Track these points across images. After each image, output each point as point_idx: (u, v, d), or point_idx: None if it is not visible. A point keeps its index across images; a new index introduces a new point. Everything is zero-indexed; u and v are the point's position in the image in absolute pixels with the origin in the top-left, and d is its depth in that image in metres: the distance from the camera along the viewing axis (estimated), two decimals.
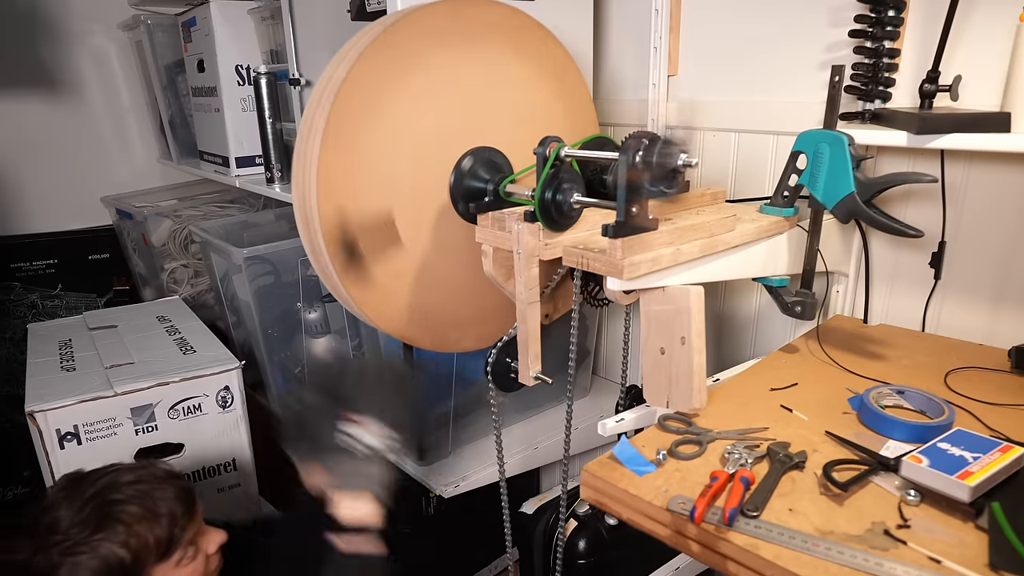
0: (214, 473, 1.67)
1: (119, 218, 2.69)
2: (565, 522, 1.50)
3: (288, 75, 1.80)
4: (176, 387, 1.58)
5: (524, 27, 1.32)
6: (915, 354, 1.24)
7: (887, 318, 1.40)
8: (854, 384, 1.13)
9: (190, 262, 2.60)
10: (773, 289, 1.25)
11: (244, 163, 2.13)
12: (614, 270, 0.99)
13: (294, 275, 1.95)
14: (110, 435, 1.52)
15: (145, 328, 1.91)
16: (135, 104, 2.83)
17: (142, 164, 2.90)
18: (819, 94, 1.36)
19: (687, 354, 1.02)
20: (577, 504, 1.58)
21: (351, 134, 1.13)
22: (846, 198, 1.11)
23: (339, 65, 1.14)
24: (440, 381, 1.58)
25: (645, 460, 0.94)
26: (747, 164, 1.53)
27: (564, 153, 1.09)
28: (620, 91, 1.77)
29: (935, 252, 1.31)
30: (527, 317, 1.15)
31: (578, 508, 1.58)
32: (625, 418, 1.10)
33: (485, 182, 1.25)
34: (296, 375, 2.01)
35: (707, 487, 0.86)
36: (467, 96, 1.25)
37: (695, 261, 1.09)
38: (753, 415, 1.05)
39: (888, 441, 0.96)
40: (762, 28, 1.47)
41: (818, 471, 0.90)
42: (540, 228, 1.09)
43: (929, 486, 0.83)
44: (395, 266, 1.23)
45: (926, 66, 1.18)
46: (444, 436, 1.64)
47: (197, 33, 2.12)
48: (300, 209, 1.18)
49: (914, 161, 1.31)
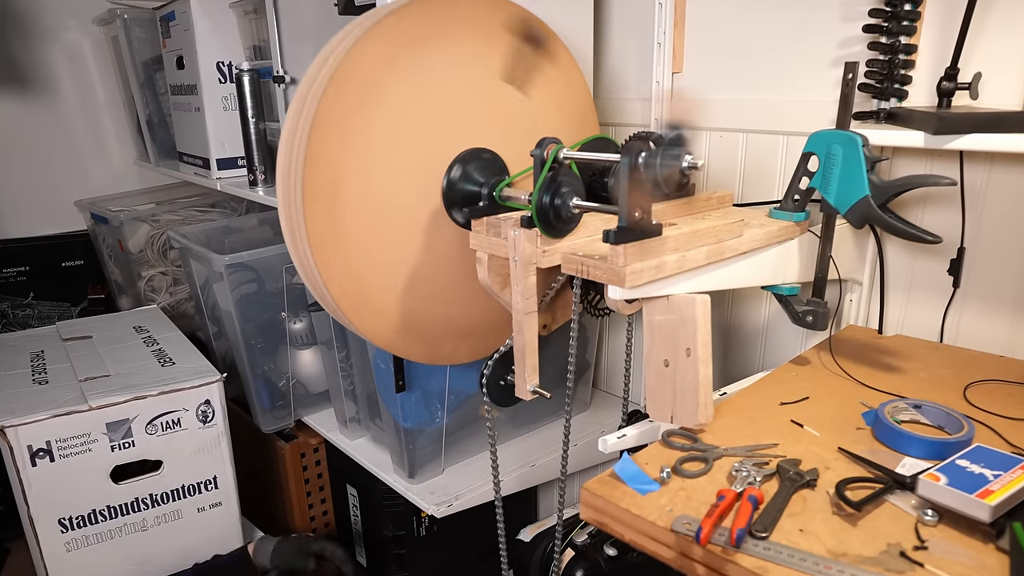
0: (194, 492, 1.67)
1: (94, 223, 2.69)
2: (561, 553, 1.50)
3: (272, 72, 1.80)
4: (154, 401, 1.58)
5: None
6: (933, 366, 1.24)
7: (903, 328, 1.40)
8: (868, 398, 1.13)
9: (169, 269, 2.60)
10: (783, 298, 1.25)
11: (226, 165, 2.13)
12: (616, 278, 0.99)
13: (278, 283, 1.95)
14: (84, 451, 1.51)
15: (121, 339, 1.91)
16: (111, 103, 2.84)
17: (118, 166, 2.90)
18: (831, 92, 1.36)
19: (692, 366, 1.02)
20: (576, 533, 1.58)
21: (340, 134, 1.13)
22: (860, 202, 1.11)
23: (327, 61, 1.15)
24: (432, 395, 1.59)
25: (648, 478, 0.94)
26: (756, 166, 1.53)
27: (563, 155, 1.09)
28: (622, 89, 1.78)
29: (954, 259, 1.31)
30: (524, 328, 1.15)
31: (576, 538, 1.57)
32: (627, 434, 1.10)
33: (480, 186, 1.25)
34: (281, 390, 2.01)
35: (713, 506, 0.86)
36: (461, 95, 1.25)
37: (701, 268, 1.09)
38: (762, 431, 1.05)
39: (904, 458, 0.96)
40: (771, 23, 1.47)
41: (830, 490, 0.90)
42: (538, 234, 1.10)
43: (947, 505, 0.83)
44: (386, 274, 1.24)
45: (944, 63, 1.18)
46: (436, 452, 1.64)
47: (176, 28, 2.13)
48: (285, 213, 1.18)
49: (932, 163, 1.31)
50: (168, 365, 1.72)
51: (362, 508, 1.96)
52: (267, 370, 2.00)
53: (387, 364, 1.52)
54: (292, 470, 2.09)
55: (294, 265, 1.24)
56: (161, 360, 1.75)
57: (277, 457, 2.10)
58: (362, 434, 1.88)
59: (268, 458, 2.15)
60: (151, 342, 1.87)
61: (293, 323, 2.00)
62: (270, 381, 2.01)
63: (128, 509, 1.59)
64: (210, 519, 1.70)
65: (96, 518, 1.56)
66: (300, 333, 2.02)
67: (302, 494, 2.13)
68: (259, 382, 2.00)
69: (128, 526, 1.60)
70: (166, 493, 1.63)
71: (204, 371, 1.67)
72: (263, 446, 2.14)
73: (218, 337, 2.17)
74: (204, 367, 1.70)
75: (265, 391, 2.02)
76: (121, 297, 2.76)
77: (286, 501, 2.14)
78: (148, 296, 2.58)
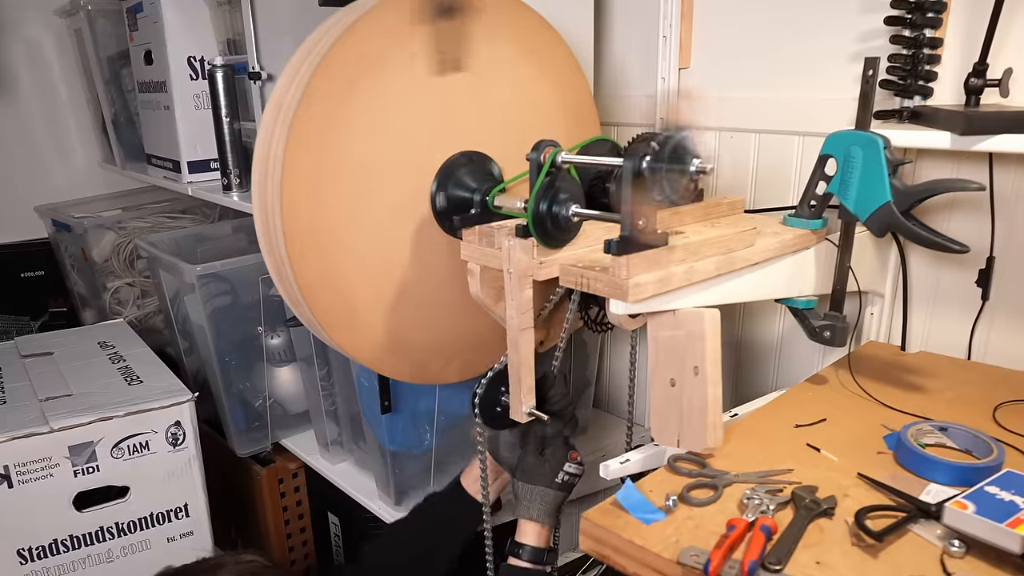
0: (163, 520, 1.66)
1: (55, 230, 2.69)
2: None
3: (248, 68, 1.80)
4: (120, 422, 1.57)
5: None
6: (960, 385, 1.24)
7: (928, 344, 1.40)
8: (890, 420, 1.14)
9: (136, 280, 2.60)
10: (798, 312, 1.25)
11: (197, 168, 2.13)
12: (618, 291, 0.99)
13: (255, 295, 1.95)
14: (46, 476, 1.51)
15: (85, 355, 1.90)
16: (74, 101, 2.84)
17: (82, 169, 2.90)
18: (851, 90, 1.35)
19: (701, 386, 1.02)
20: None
21: (321, 134, 1.13)
22: (881, 208, 1.11)
23: (307, 57, 1.15)
24: (421, 416, 1.58)
25: (653, 507, 0.94)
26: (769, 169, 1.54)
27: (561, 158, 1.09)
28: (625, 86, 1.79)
29: (983, 269, 1.31)
30: (519, 345, 1.15)
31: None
32: (630, 459, 1.10)
33: (471, 191, 1.25)
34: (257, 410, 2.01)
35: (723, 537, 0.86)
36: (452, 94, 1.26)
37: (710, 280, 1.09)
38: (776, 455, 1.05)
39: (929, 484, 0.96)
40: (785, 15, 1.48)
41: (849, 519, 0.90)
42: (534, 244, 1.10)
43: (975, 535, 0.83)
44: (370, 286, 1.24)
45: (972, 58, 1.18)
46: (425, 478, 1.64)
47: (144, 20, 2.13)
48: (261, 220, 1.18)
49: (959, 166, 1.31)
50: (135, 384, 1.72)
51: (344, 538, 1.96)
52: (242, 389, 2.00)
53: (371, 383, 1.52)
54: (269, 497, 2.08)
55: (271, 276, 1.24)
56: (128, 378, 1.74)
57: (253, 483, 2.09)
58: (345, 458, 1.87)
59: (243, 484, 2.15)
60: (117, 359, 1.87)
61: (270, 338, 2.00)
62: (245, 401, 2.01)
63: (92, 539, 1.59)
64: (180, 550, 1.69)
65: (58, 548, 1.55)
66: (278, 349, 2.01)
67: (280, 523, 2.12)
68: (233, 402, 2.00)
69: (92, 557, 1.59)
70: (133, 522, 1.63)
71: (174, 390, 1.67)
72: (238, 471, 2.14)
73: (189, 353, 2.16)
74: (174, 386, 1.70)
75: (240, 411, 2.01)
76: (85, 310, 2.75)
77: (263, 530, 2.14)
78: (114, 309, 2.57)
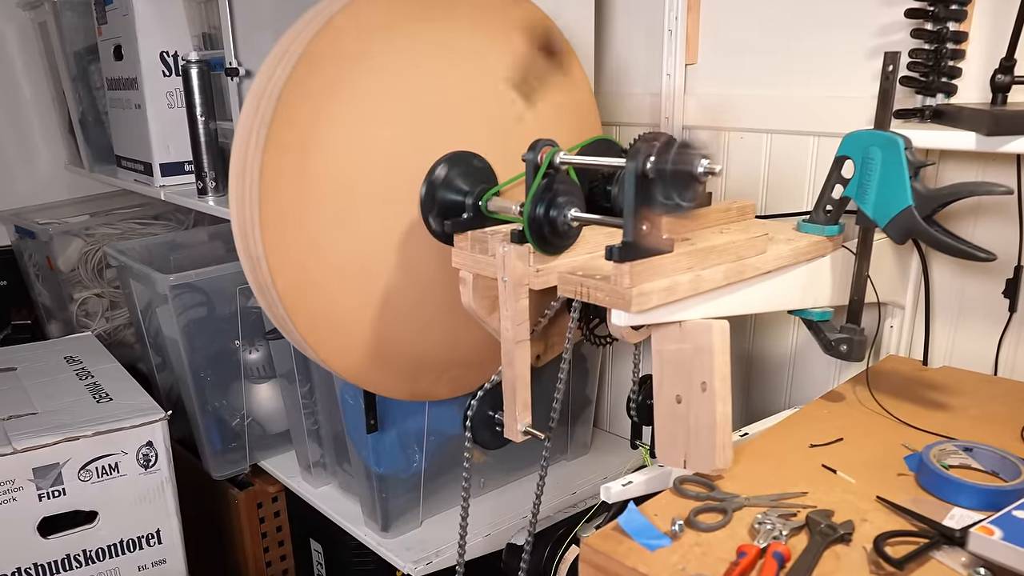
0: (134, 547, 1.66)
1: (18, 237, 2.69)
2: None
3: (224, 64, 1.81)
4: (88, 443, 1.57)
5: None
6: (985, 403, 1.24)
7: (951, 359, 1.41)
8: (911, 439, 1.14)
9: (105, 291, 2.59)
10: (813, 324, 1.25)
11: (171, 171, 2.13)
12: (620, 301, 0.99)
13: (232, 307, 1.94)
14: (8, 501, 1.51)
15: (50, 371, 1.90)
16: (38, 99, 2.84)
17: (47, 172, 2.90)
18: (869, 87, 1.37)
19: (708, 403, 1.02)
20: None
21: (302, 134, 1.13)
22: (902, 213, 1.12)
23: (287, 51, 1.15)
24: (409, 436, 1.58)
25: (658, 532, 0.94)
26: (781, 172, 1.54)
27: (559, 159, 1.09)
28: (627, 83, 1.79)
29: (1010, 279, 1.31)
30: (515, 359, 1.15)
31: None
32: (633, 481, 1.10)
33: (464, 194, 1.26)
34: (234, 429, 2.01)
35: (733, 564, 0.86)
36: (442, 91, 1.26)
37: (719, 290, 1.09)
38: (789, 477, 1.05)
39: (953, 509, 0.96)
40: (799, 7, 1.48)
41: (868, 545, 0.90)
42: (530, 251, 1.10)
43: (1002, 563, 0.83)
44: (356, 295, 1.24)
45: (1000, 53, 1.18)
46: (414, 502, 1.64)
47: (113, 13, 2.13)
48: (239, 226, 1.18)
49: (985, 168, 1.32)
50: (104, 401, 1.71)
51: (328, 566, 1.95)
52: (218, 407, 2.00)
53: (357, 400, 1.52)
54: (247, 522, 2.07)
55: (249, 286, 1.24)
56: (96, 396, 1.74)
57: (230, 507, 2.09)
58: (328, 481, 1.87)
59: (219, 508, 2.14)
60: (85, 375, 1.87)
61: (248, 353, 2.00)
62: (222, 419, 2.01)
63: (58, 567, 1.58)
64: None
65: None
66: (256, 364, 2.01)
67: (259, 550, 2.12)
68: (209, 421, 1.99)
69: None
70: (102, 549, 1.62)
71: (146, 408, 1.67)
72: (214, 495, 2.13)
73: (162, 369, 2.16)
74: (146, 404, 1.70)
75: (216, 431, 2.01)
76: (50, 323, 2.75)
77: (240, 558, 2.13)
78: (81, 322, 2.57)
